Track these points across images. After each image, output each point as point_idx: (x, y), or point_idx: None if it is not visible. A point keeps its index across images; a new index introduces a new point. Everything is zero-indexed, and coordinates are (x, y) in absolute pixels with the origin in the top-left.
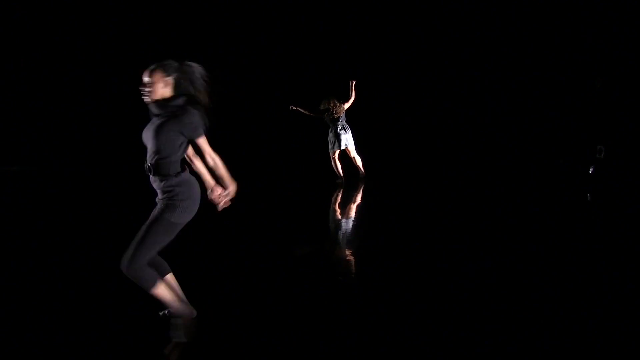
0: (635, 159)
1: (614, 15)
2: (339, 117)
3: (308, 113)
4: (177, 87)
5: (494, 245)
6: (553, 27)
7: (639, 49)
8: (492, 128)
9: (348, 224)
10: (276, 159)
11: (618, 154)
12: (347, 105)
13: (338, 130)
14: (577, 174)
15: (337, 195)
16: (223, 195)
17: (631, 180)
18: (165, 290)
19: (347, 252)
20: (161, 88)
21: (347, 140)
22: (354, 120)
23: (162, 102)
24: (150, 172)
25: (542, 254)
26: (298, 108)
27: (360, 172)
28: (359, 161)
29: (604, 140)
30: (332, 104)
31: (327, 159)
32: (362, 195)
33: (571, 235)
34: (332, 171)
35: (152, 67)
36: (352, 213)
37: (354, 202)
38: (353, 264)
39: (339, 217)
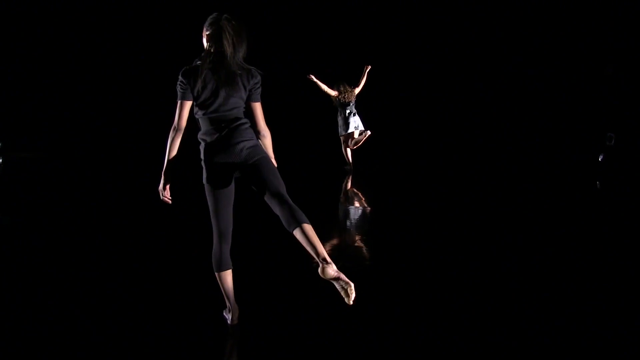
0: None
1: (625, 1)
2: (349, 102)
3: (323, 87)
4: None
5: (501, 235)
6: (564, 13)
7: None
8: (503, 114)
9: (355, 212)
10: (281, 147)
11: (629, 141)
12: (357, 90)
13: (347, 114)
14: (587, 161)
15: (346, 183)
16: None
17: None
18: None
19: (353, 241)
20: None
21: (356, 123)
22: (366, 116)
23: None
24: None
25: (551, 244)
26: (315, 79)
27: (350, 164)
28: (353, 152)
29: (614, 128)
30: (342, 89)
31: (337, 145)
32: (370, 184)
33: (580, 225)
34: (342, 157)
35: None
36: (359, 201)
37: (361, 190)
38: (359, 253)
39: (346, 205)
